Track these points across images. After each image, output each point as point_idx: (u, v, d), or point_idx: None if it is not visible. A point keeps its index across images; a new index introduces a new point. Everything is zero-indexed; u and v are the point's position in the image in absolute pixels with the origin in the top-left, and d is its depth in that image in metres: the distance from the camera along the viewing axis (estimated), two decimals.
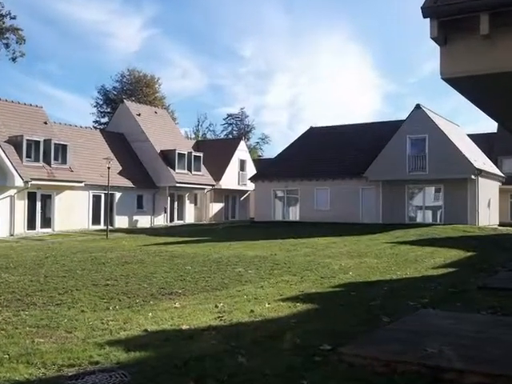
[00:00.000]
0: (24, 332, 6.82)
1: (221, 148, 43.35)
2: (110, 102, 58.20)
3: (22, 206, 27.50)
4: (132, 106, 39.64)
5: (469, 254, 17.21)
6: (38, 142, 28.71)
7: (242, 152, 44.20)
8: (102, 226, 30.44)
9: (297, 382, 4.83)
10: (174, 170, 35.98)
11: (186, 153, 37.44)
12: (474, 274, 12.46)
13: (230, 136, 67.41)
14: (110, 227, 27.02)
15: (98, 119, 59.11)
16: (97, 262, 14.21)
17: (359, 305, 8.57)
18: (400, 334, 5.43)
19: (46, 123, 31.09)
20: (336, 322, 7.25)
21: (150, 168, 36.21)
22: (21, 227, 27.28)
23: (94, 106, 59.23)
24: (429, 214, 30.91)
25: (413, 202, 31.49)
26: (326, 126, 38.05)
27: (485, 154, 35.74)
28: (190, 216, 38.81)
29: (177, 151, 36.50)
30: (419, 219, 30.64)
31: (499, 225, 32.42)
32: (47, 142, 29.03)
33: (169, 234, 25.96)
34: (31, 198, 28.20)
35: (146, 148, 36.61)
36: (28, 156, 28.19)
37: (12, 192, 26.75)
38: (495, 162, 36.85)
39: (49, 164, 28.85)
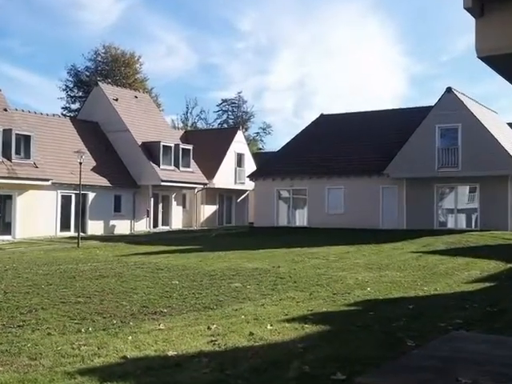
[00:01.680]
0: None
1: (214, 140, 43.40)
2: (82, 84, 58.33)
3: None
4: (108, 89, 39.70)
5: (509, 265, 17.24)
6: None
7: (239, 144, 44.28)
8: (72, 233, 30.49)
9: None
10: (159, 165, 36.03)
11: (172, 145, 37.51)
12: None
13: (225, 125, 67.59)
14: (81, 234, 27.05)
15: (67, 105, 59.40)
16: (66, 276, 14.23)
17: (379, 326, 8.59)
18: (427, 361, 5.44)
19: (5, 110, 31.14)
20: (351, 346, 7.27)
21: (130, 163, 36.27)
22: None
23: (63, 90, 59.48)
24: (462, 218, 30.96)
25: (443, 203, 31.53)
26: (340, 114, 38.14)
27: None
28: (177, 220, 38.87)
29: (161, 143, 36.55)
30: (450, 224, 30.68)
31: None
32: (7, 132, 29.07)
33: (152, 242, 25.97)
34: None
35: (124, 140, 36.66)
36: None
37: None
38: None
39: (9, 159, 28.87)
